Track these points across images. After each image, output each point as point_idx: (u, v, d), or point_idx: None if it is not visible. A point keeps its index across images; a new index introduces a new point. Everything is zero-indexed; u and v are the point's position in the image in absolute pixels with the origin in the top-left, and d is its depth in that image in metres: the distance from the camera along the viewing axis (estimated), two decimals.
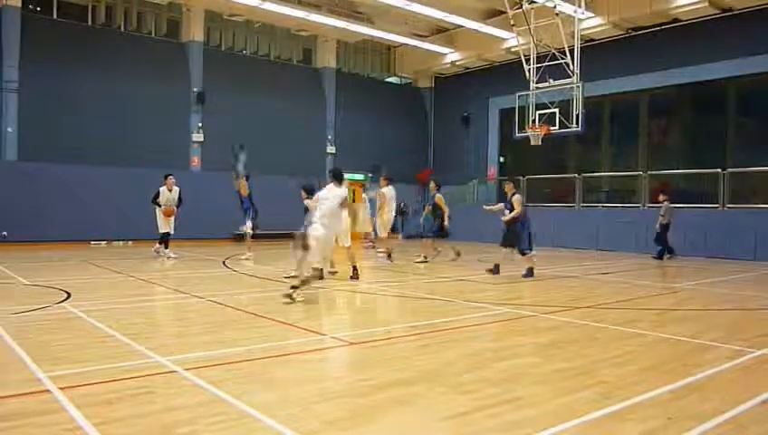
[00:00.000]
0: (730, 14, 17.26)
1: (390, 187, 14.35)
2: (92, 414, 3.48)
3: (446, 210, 13.51)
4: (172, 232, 13.96)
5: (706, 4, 16.83)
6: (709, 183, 17.30)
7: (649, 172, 18.95)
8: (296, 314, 7.26)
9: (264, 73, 21.87)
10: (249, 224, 13.51)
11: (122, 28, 19.54)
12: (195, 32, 20.10)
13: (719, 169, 17.06)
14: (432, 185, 14.06)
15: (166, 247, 13.94)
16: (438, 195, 13.64)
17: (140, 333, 5.80)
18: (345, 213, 9.14)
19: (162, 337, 5.72)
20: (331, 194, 8.43)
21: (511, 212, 11.03)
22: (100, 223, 17.38)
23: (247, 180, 13.39)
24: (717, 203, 16.97)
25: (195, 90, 19.84)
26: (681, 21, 18.10)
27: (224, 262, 12.84)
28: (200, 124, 19.91)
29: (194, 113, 19.90)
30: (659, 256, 15.40)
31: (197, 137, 19.88)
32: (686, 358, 5.20)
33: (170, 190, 13.86)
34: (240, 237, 13.88)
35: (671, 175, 18.87)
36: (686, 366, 4.87)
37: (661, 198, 15.46)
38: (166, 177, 13.99)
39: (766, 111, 17.67)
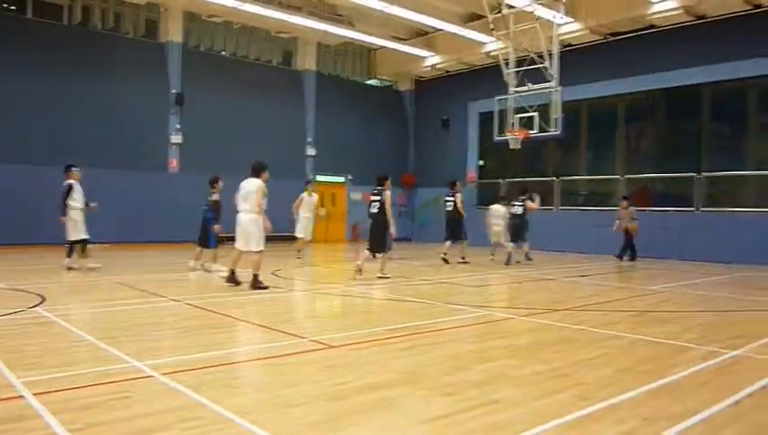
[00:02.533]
0: (704, 21, 17.55)
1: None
2: (68, 420, 3.43)
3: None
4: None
5: (681, 11, 17.12)
6: (684, 187, 17.60)
7: (626, 176, 19.22)
8: (275, 317, 7.23)
9: (243, 75, 21.75)
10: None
11: (99, 28, 19.30)
12: (173, 32, 19.93)
13: (694, 173, 17.37)
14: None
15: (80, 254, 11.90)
16: None
17: (117, 337, 5.73)
18: (258, 217, 9.21)
19: (139, 341, 5.65)
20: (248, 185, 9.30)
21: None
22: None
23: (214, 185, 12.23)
24: (692, 206, 17.27)
25: (173, 91, 19.67)
26: (657, 27, 18.36)
27: (202, 265, 12.70)
28: (179, 126, 19.74)
29: (172, 115, 19.72)
30: (633, 258, 16.02)
31: (176, 138, 19.70)
32: (663, 359, 5.27)
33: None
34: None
35: (647, 178, 19.14)
36: (663, 367, 4.94)
37: (625, 204, 16.04)
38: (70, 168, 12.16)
39: (739, 117, 18.03)
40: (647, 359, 5.28)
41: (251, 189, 9.23)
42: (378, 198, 11.02)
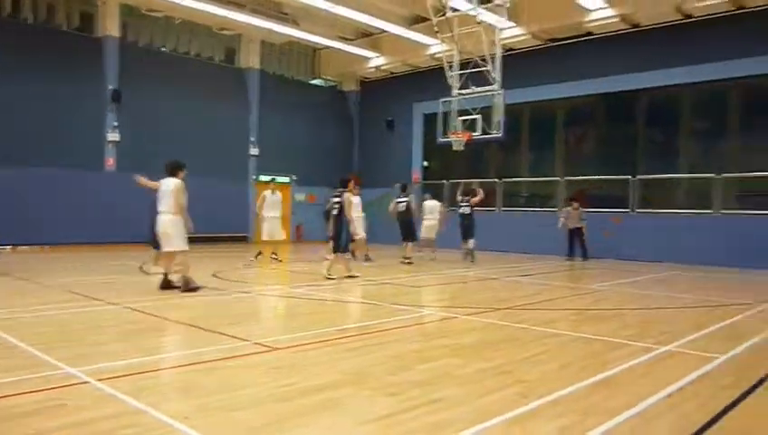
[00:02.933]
0: (639, 29, 18.23)
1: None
2: None
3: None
4: None
5: (618, 19, 17.74)
6: (620, 189, 18.24)
7: (566, 178, 19.76)
8: (218, 319, 7.09)
9: (184, 72, 21.24)
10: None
11: (31, 20, 18.47)
12: (110, 26, 19.26)
13: (629, 176, 18.03)
14: None
15: None
16: None
17: (50, 342, 5.50)
18: (176, 217, 8.88)
19: (74, 347, 5.44)
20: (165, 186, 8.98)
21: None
22: (4, 226, 16.36)
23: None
24: (627, 208, 17.91)
25: (110, 87, 19.01)
26: (595, 34, 18.96)
27: (140, 267, 12.37)
28: (116, 123, 19.10)
29: (109, 112, 19.05)
30: (571, 257, 16.59)
31: (113, 136, 19.05)
32: (601, 355, 5.45)
33: None
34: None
35: (585, 181, 19.73)
36: (601, 363, 5.10)
37: (576, 204, 16.52)
38: None
39: (672, 122, 18.83)
40: (585, 355, 5.45)
41: (167, 189, 8.97)
42: (338, 199, 11.16)
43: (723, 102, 17.96)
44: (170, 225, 8.94)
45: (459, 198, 16.07)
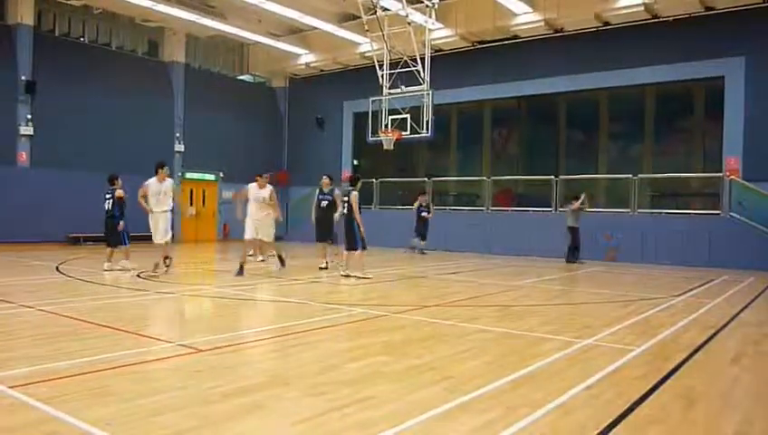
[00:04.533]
0: (562, 34, 18.90)
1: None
2: None
3: None
4: None
5: (542, 24, 18.32)
6: (544, 188, 18.85)
7: (492, 178, 20.24)
8: (140, 321, 6.86)
9: (105, 64, 20.35)
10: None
11: None
12: (23, 14, 18.20)
13: (552, 176, 18.66)
14: None
15: None
16: None
17: None
18: None
19: None
20: None
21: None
22: None
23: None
24: (551, 207, 18.53)
25: (23, 78, 17.99)
26: (521, 38, 19.51)
27: (57, 267, 11.79)
28: (29, 116, 18.10)
29: (21, 104, 18.03)
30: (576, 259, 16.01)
31: (26, 130, 18.04)
32: (524, 350, 5.61)
33: None
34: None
35: (511, 180, 20.28)
36: (524, 358, 5.25)
37: (576, 202, 15.55)
38: None
39: (589, 124, 19.64)
40: (510, 351, 5.59)
41: None
42: (346, 198, 11.46)
43: (639, 107, 18.88)
44: None
45: (424, 204, 17.46)
